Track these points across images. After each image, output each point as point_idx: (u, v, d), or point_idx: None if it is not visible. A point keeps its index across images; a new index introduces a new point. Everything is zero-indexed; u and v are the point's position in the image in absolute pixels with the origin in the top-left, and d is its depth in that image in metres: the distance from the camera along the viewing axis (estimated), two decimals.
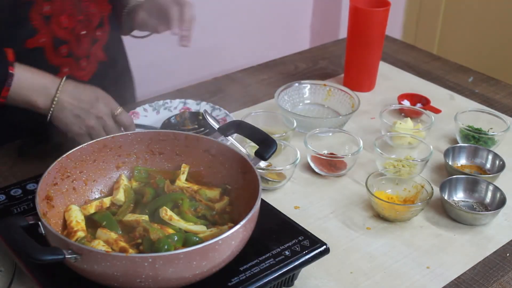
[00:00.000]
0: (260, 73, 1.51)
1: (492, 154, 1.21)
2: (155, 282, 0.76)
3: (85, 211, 0.91)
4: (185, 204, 0.91)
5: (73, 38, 1.21)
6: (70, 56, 1.23)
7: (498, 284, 0.96)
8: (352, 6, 1.44)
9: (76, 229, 0.85)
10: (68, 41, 1.21)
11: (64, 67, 1.23)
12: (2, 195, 0.98)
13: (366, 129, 1.34)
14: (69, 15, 1.18)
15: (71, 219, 0.87)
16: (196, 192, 0.94)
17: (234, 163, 0.95)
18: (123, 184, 0.95)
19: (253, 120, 1.26)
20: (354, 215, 1.09)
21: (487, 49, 2.38)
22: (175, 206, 0.91)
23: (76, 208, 0.90)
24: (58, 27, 1.18)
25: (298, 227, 0.94)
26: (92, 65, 1.28)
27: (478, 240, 1.05)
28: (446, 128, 1.36)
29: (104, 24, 1.28)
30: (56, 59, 1.21)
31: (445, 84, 1.57)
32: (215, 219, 0.92)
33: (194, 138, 0.98)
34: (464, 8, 2.43)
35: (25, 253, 0.73)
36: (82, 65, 1.25)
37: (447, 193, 1.12)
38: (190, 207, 0.91)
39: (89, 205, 0.91)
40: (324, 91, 1.42)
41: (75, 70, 1.24)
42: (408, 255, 1.01)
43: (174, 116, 1.29)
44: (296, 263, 0.87)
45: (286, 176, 1.14)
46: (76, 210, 0.89)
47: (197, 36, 1.24)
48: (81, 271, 0.78)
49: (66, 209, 0.89)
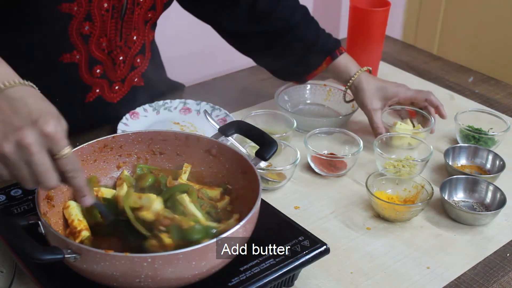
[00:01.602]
0: (260, 73, 1.51)
1: (492, 154, 1.21)
2: (155, 282, 0.76)
3: None
4: (193, 195, 0.91)
5: (110, 62, 1.19)
6: (104, 78, 1.21)
7: (498, 284, 0.96)
8: (352, 6, 1.44)
9: (79, 229, 0.85)
10: (103, 63, 1.19)
11: (96, 87, 1.21)
12: (2, 195, 0.98)
13: (366, 129, 1.34)
14: (109, 39, 1.16)
15: (72, 217, 0.87)
16: (199, 191, 0.94)
17: (234, 163, 0.95)
18: (126, 179, 0.95)
19: (253, 120, 1.26)
20: (354, 215, 1.09)
21: (487, 49, 2.38)
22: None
23: (75, 204, 0.89)
24: (96, 48, 1.16)
25: (298, 227, 0.94)
26: (125, 89, 1.27)
27: (478, 240, 1.05)
28: (446, 128, 1.36)
29: (145, 52, 1.26)
30: (89, 78, 1.19)
31: (445, 84, 1.57)
32: (219, 216, 0.92)
33: (195, 138, 0.98)
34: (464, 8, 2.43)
35: (25, 253, 0.73)
36: (114, 88, 1.24)
37: (447, 193, 1.12)
38: (197, 201, 0.91)
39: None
40: (324, 91, 1.42)
41: (106, 92, 1.23)
42: (408, 255, 1.01)
43: None
44: (296, 263, 0.87)
45: (286, 176, 1.14)
46: (75, 207, 0.89)
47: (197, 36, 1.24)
48: (80, 271, 0.78)
49: (65, 206, 0.89)
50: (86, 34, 1.13)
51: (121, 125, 1.26)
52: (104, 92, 1.23)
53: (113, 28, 1.15)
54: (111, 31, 1.15)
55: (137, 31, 1.21)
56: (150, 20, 1.23)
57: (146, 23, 1.22)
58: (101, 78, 1.20)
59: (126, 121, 1.28)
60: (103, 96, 1.23)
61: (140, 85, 1.30)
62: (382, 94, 1.28)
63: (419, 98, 1.29)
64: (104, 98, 1.23)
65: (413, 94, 1.29)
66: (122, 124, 1.27)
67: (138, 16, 1.18)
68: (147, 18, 1.21)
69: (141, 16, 1.19)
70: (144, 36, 1.24)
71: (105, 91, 1.23)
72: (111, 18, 1.14)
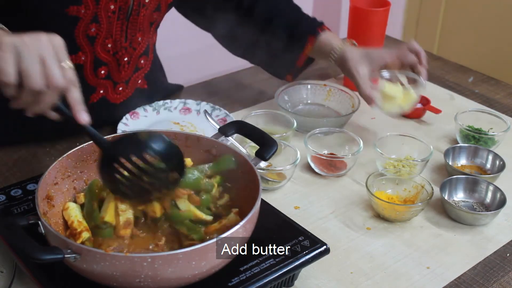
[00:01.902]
0: (260, 73, 1.50)
1: (492, 154, 1.21)
2: (155, 282, 0.76)
3: (78, 200, 0.90)
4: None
5: (115, 63, 1.20)
6: (109, 79, 1.21)
7: (498, 284, 0.96)
8: (352, 6, 1.44)
9: (80, 230, 0.84)
10: (108, 64, 1.19)
11: (100, 88, 1.21)
12: (2, 195, 0.98)
13: (366, 129, 1.34)
14: (114, 40, 1.16)
15: (71, 219, 0.87)
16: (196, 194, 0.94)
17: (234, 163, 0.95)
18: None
19: (253, 120, 1.26)
20: (354, 215, 1.09)
21: (487, 49, 2.38)
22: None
23: (74, 205, 0.89)
24: (101, 49, 1.16)
25: (298, 227, 0.94)
26: (129, 90, 1.27)
27: (478, 240, 1.05)
28: (446, 128, 1.36)
29: (149, 53, 1.27)
30: (93, 79, 1.19)
31: (445, 84, 1.57)
32: (219, 211, 0.92)
33: (195, 138, 0.98)
34: (464, 8, 2.43)
35: (25, 253, 0.73)
36: (118, 90, 1.24)
37: (447, 193, 1.12)
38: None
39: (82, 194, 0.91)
40: (324, 91, 1.42)
41: (110, 93, 1.23)
42: (408, 255, 1.01)
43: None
44: (296, 263, 0.87)
45: (286, 176, 1.14)
46: (74, 208, 0.88)
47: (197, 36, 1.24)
48: (80, 271, 0.78)
49: (64, 208, 0.89)
50: (92, 35, 1.13)
51: (121, 125, 1.26)
52: (108, 93, 1.23)
53: (118, 29, 1.15)
54: (116, 32, 1.16)
55: (142, 32, 1.21)
56: (155, 22, 1.24)
57: (152, 25, 1.23)
58: (106, 79, 1.20)
59: (126, 121, 1.28)
60: (107, 97, 1.23)
61: (143, 87, 1.30)
62: (367, 60, 1.26)
63: (404, 51, 1.26)
64: (108, 99, 1.23)
65: (397, 51, 1.27)
66: (122, 124, 1.26)
67: (143, 17, 1.18)
68: (152, 19, 1.22)
69: (146, 17, 1.19)
70: (148, 37, 1.24)
71: (108, 92, 1.23)
72: (117, 20, 1.14)
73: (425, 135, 1.31)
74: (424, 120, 1.39)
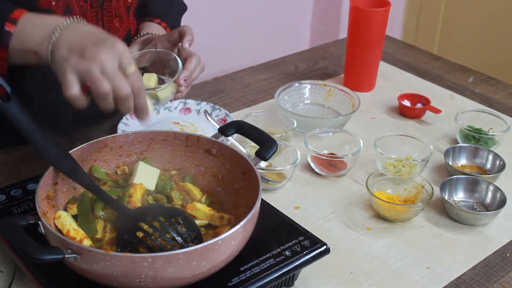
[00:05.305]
0: (260, 73, 1.51)
1: (492, 154, 1.21)
2: (155, 282, 0.76)
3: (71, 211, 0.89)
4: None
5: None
6: None
7: (498, 284, 0.96)
8: (352, 6, 1.45)
9: (79, 238, 0.83)
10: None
11: None
12: (2, 195, 0.98)
13: (366, 129, 1.34)
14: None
15: (66, 227, 0.85)
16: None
17: (234, 163, 0.95)
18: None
19: (253, 120, 1.26)
20: (354, 215, 1.09)
21: (487, 49, 2.38)
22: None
23: (65, 213, 0.87)
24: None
25: (298, 227, 0.94)
26: None
27: (479, 240, 1.05)
28: (446, 128, 1.36)
29: (132, 39, 1.23)
30: None
31: (445, 84, 1.57)
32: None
33: (195, 138, 0.98)
34: (464, 8, 2.43)
35: (25, 253, 0.73)
36: None
37: (447, 193, 1.12)
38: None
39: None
40: (324, 91, 1.42)
41: None
42: (408, 255, 1.01)
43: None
44: (297, 263, 0.87)
45: (286, 176, 1.14)
46: (67, 216, 0.87)
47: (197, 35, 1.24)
48: (80, 271, 0.78)
49: (55, 217, 0.87)
50: None
51: (121, 125, 1.26)
52: None
53: (94, 17, 1.14)
54: (92, 21, 1.14)
55: (119, 18, 1.19)
56: (131, 6, 1.21)
57: (129, 10, 1.21)
58: None
59: (126, 121, 1.28)
60: None
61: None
62: None
63: (173, 35, 1.12)
64: None
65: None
66: (122, 124, 1.26)
67: (117, 2, 1.17)
68: (128, 3, 1.20)
69: (121, 2, 1.18)
70: (128, 23, 1.22)
71: None
72: (91, 8, 1.12)
73: (425, 135, 1.31)
74: (424, 120, 1.39)
